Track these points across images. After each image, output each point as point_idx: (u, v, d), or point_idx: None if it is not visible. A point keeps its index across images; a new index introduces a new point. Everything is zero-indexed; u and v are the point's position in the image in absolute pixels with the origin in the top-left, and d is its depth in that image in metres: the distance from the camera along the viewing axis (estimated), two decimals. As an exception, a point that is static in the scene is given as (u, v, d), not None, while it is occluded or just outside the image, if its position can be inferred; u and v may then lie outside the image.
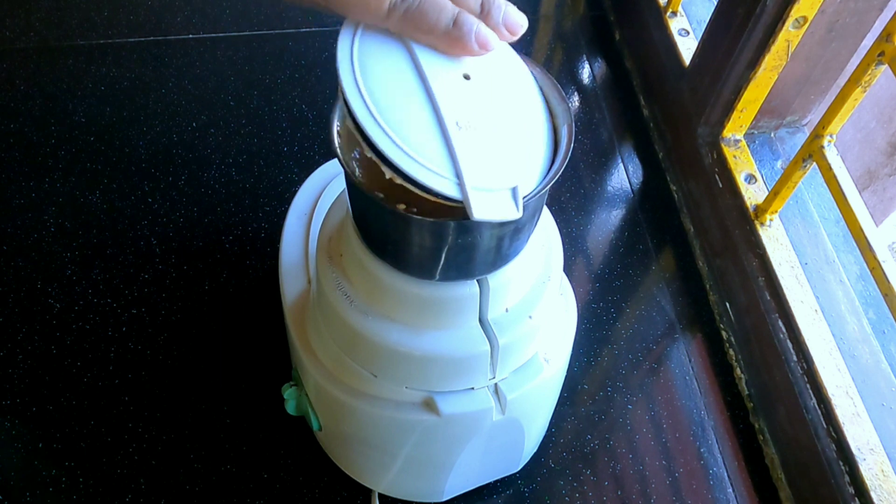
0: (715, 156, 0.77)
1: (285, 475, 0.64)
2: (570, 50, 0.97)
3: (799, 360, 0.65)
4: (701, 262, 0.79)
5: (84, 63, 0.90)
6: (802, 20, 0.65)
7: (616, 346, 0.73)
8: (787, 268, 0.68)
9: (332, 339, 0.51)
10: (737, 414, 0.70)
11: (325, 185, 0.64)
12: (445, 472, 0.57)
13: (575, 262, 0.79)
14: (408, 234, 0.42)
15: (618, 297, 0.76)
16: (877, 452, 0.60)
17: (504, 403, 0.51)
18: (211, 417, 0.66)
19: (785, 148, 0.78)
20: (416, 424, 0.51)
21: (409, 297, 0.46)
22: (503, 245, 0.43)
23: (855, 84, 0.58)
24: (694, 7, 0.88)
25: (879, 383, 0.63)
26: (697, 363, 0.73)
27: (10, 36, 0.91)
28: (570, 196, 0.84)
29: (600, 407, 0.70)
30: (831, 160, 0.62)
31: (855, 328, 0.66)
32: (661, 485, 0.66)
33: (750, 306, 0.71)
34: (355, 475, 0.62)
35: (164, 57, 0.91)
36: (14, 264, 0.74)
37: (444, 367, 0.48)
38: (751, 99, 0.73)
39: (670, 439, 0.68)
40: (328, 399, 0.53)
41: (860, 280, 0.69)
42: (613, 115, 0.91)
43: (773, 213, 0.70)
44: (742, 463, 0.68)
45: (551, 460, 0.66)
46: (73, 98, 0.87)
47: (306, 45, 0.93)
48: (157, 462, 0.64)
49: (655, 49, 0.88)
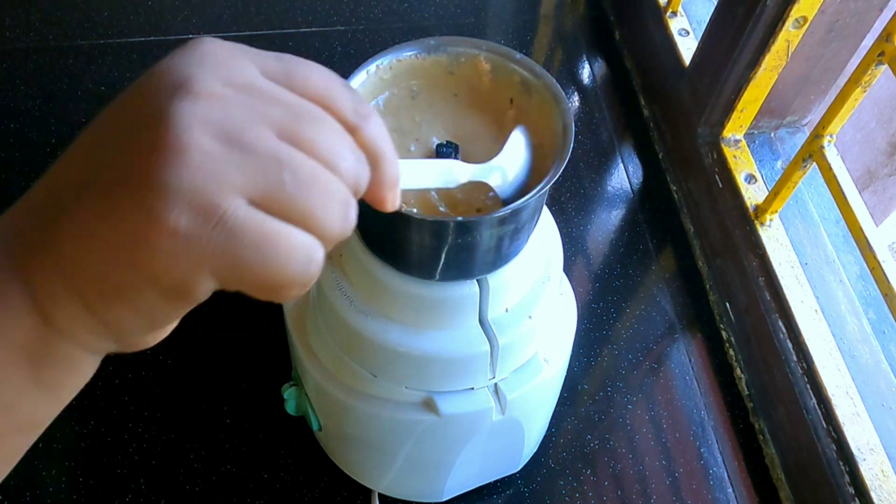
0: (715, 156, 0.77)
1: (285, 475, 0.64)
2: (570, 50, 0.97)
3: (799, 360, 0.65)
4: (701, 262, 0.79)
5: (84, 63, 0.90)
6: (802, 20, 0.65)
7: (616, 346, 0.73)
8: (787, 268, 0.68)
9: (332, 339, 0.51)
10: (737, 414, 0.70)
11: (325, 185, 0.64)
12: (445, 472, 0.57)
13: (575, 262, 0.79)
14: (407, 234, 0.42)
15: (618, 297, 0.76)
16: (877, 452, 0.60)
17: (504, 403, 0.51)
18: (211, 417, 0.66)
19: (785, 148, 0.78)
20: (415, 424, 0.51)
21: (408, 297, 0.46)
22: (503, 245, 0.43)
23: (855, 84, 0.58)
24: (694, 7, 0.88)
25: (879, 383, 0.63)
26: (697, 363, 0.73)
27: (10, 36, 0.91)
28: (570, 196, 0.84)
29: (600, 407, 0.70)
30: (831, 160, 0.62)
31: (855, 328, 0.66)
32: (661, 485, 0.66)
33: (750, 306, 0.71)
34: (355, 475, 0.62)
35: (164, 57, 0.91)
36: (14, 264, 0.74)
37: (444, 367, 0.48)
38: (751, 99, 0.73)
39: (670, 439, 0.68)
40: (328, 399, 0.53)
41: (860, 280, 0.69)
42: (613, 115, 0.91)
43: (773, 213, 0.70)
44: (742, 463, 0.68)
45: (551, 460, 0.66)
46: (73, 98, 0.87)
47: (306, 46, 0.93)
48: (157, 462, 0.64)
49: (655, 49, 0.88)
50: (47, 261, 0.23)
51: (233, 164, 0.22)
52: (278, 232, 0.23)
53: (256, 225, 0.22)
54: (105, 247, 0.22)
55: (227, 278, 0.23)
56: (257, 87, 0.24)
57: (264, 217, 0.23)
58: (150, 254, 0.22)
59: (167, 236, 0.21)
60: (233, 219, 0.22)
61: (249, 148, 0.22)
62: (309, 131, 0.24)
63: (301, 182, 0.23)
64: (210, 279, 0.23)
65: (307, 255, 0.24)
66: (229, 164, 0.22)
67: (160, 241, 0.22)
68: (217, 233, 0.22)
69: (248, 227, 0.22)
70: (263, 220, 0.23)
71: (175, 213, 0.21)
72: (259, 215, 0.22)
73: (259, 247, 0.22)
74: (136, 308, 0.24)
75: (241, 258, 0.22)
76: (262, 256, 0.23)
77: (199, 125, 0.22)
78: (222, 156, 0.22)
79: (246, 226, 0.22)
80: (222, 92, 0.23)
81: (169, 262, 0.22)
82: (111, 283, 0.23)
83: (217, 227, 0.22)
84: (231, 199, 0.22)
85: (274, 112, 0.23)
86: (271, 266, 0.23)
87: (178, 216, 0.21)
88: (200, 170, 0.22)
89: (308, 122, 0.24)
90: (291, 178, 0.23)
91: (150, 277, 0.22)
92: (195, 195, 0.21)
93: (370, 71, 0.43)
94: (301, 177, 0.23)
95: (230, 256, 0.22)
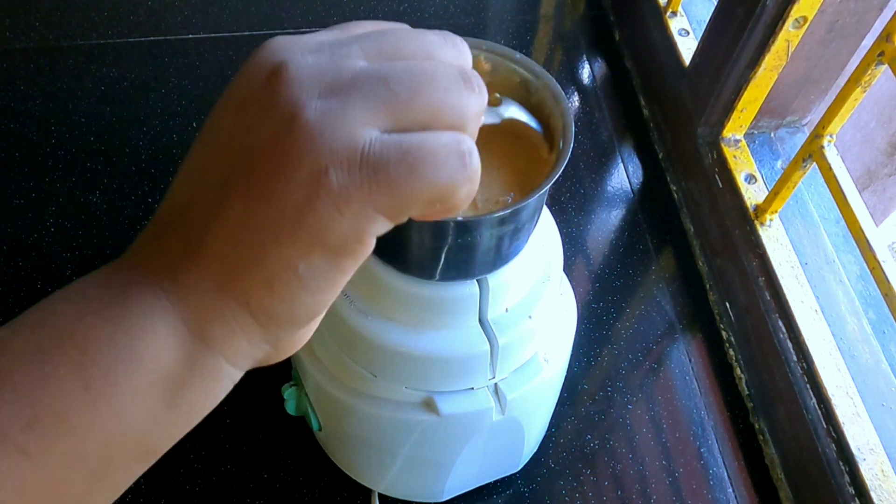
0: (715, 156, 0.77)
1: (285, 475, 0.64)
2: (570, 50, 0.97)
3: (799, 360, 0.65)
4: (701, 262, 0.79)
5: (84, 63, 0.90)
6: (802, 20, 0.65)
7: (616, 346, 0.73)
8: (787, 268, 0.68)
9: (332, 339, 0.51)
10: (737, 414, 0.70)
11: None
12: (445, 472, 0.57)
13: (575, 262, 0.79)
14: (408, 234, 0.42)
15: (618, 297, 0.76)
16: (877, 452, 0.60)
17: (504, 403, 0.51)
18: (211, 417, 0.66)
19: (785, 148, 0.78)
20: (415, 424, 0.51)
21: (408, 297, 0.46)
22: (503, 245, 0.43)
23: (855, 84, 0.58)
24: (694, 7, 0.88)
25: (879, 383, 0.63)
26: (697, 363, 0.73)
27: (10, 36, 0.91)
28: (570, 196, 0.84)
29: (600, 407, 0.70)
30: (831, 160, 0.62)
31: (855, 328, 0.66)
32: (661, 485, 0.66)
33: (750, 306, 0.71)
34: (355, 475, 0.62)
35: (164, 57, 0.91)
36: (14, 264, 0.74)
37: (444, 367, 0.48)
38: (751, 99, 0.73)
39: (670, 439, 0.68)
40: (328, 399, 0.53)
41: (860, 280, 0.69)
42: (613, 115, 0.91)
43: (773, 213, 0.70)
44: (742, 463, 0.68)
45: (551, 460, 0.66)
46: (73, 98, 0.87)
47: (306, 45, 0.93)
48: (157, 462, 0.64)
49: (655, 49, 0.88)
50: (202, 272, 0.24)
51: (348, 104, 0.23)
52: (419, 142, 0.23)
53: (396, 147, 0.23)
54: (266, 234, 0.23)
55: (396, 209, 0.24)
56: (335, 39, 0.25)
57: (400, 136, 0.23)
58: (316, 219, 0.23)
59: (326, 195, 0.22)
60: (373, 152, 0.23)
61: (351, 85, 0.23)
62: (393, 39, 0.25)
63: (409, 86, 0.24)
64: (379, 219, 0.24)
65: (457, 151, 0.24)
66: (345, 106, 0.23)
67: (323, 202, 0.23)
68: (367, 172, 0.23)
69: (391, 153, 0.23)
70: (400, 139, 0.23)
71: (325, 175, 0.22)
72: (395, 137, 0.23)
73: (409, 165, 0.23)
74: (303, 284, 0.24)
75: (397, 184, 0.23)
76: (417, 173, 0.23)
77: (306, 94, 0.23)
78: (335, 103, 0.23)
79: (388, 152, 0.23)
80: (309, 58, 0.24)
81: (336, 218, 0.23)
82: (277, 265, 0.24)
83: (363, 167, 0.23)
84: (363, 136, 0.23)
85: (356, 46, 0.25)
86: (429, 177, 0.23)
87: (328, 176, 0.22)
88: (325, 129, 0.23)
89: (391, 35, 0.25)
90: (399, 86, 0.24)
91: (320, 241, 0.23)
92: (332, 148, 0.22)
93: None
94: (406, 81, 0.24)
95: (387, 187, 0.23)
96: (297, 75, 0.23)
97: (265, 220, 0.23)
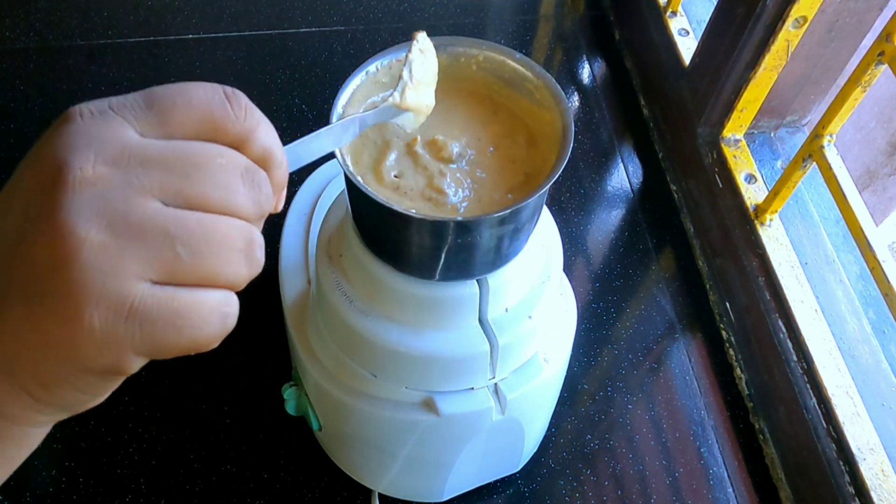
0: (715, 156, 0.77)
1: (285, 475, 0.64)
2: (570, 50, 0.97)
3: (799, 360, 0.65)
4: (701, 262, 0.79)
5: (84, 63, 0.90)
6: (802, 20, 0.65)
7: (616, 346, 0.73)
8: (787, 268, 0.68)
9: (332, 339, 0.51)
10: (737, 414, 0.70)
11: (325, 185, 0.64)
12: (445, 472, 0.57)
13: (575, 262, 0.79)
14: (407, 234, 0.42)
15: (618, 297, 0.76)
16: (877, 452, 0.60)
17: (504, 403, 0.51)
18: (211, 417, 0.66)
19: (785, 148, 0.78)
20: (415, 424, 0.51)
21: (408, 297, 0.46)
22: (503, 245, 0.43)
23: (855, 84, 0.58)
24: (694, 7, 0.88)
25: (879, 383, 0.63)
26: (697, 363, 0.73)
27: (10, 36, 0.91)
28: (570, 196, 0.84)
29: (600, 407, 0.70)
30: (831, 160, 0.62)
31: (855, 328, 0.66)
32: (661, 485, 0.66)
33: (750, 306, 0.71)
34: (355, 475, 0.62)
35: (164, 57, 0.91)
36: (14, 264, 0.74)
37: (444, 367, 0.48)
38: (751, 99, 0.73)
39: (670, 439, 0.68)
40: (328, 399, 0.53)
41: (860, 280, 0.69)
42: (613, 115, 0.91)
43: (773, 212, 0.70)
44: (742, 463, 0.68)
45: (551, 460, 0.66)
46: (73, 98, 0.86)
47: (306, 45, 0.93)
48: (157, 462, 0.64)
49: (655, 49, 0.88)
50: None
51: (127, 253, 0.22)
52: (189, 302, 0.24)
53: (166, 303, 0.23)
54: (35, 346, 0.23)
55: (153, 353, 0.24)
56: (133, 153, 0.23)
57: (173, 292, 0.23)
58: (75, 351, 0.23)
59: (86, 335, 0.22)
60: (142, 306, 0.23)
61: (137, 230, 0.23)
62: (193, 185, 0.24)
63: (195, 249, 0.23)
64: (138, 358, 0.24)
65: (221, 313, 0.25)
66: (123, 254, 0.22)
67: (81, 340, 0.23)
68: (131, 323, 0.23)
69: (159, 309, 0.23)
70: (172, 296, 0.23)
71: (87, 316, 0.22)
72: (167, 293, 0.23)
73: (174, 322, 0.23)
74: (77, 389, 0.25)
75: (159, 337, 0.23)
76: (179, 329, 0.24)
77: (84, 222, 0.22)
78: (114, 247, 0.22)
79: (156, 308, 0.23)
80: (98, 173, 0.23)
81: (94, 354, 0.23)
82: (48, 375, 0.24)
83: (129, 318, 0.23)
84: (135, 288, 0.23)
85: (153, 178, 0.23)
86: (190, 334, 0.24)
87: (90, 317, 0.22)
88: (97, 268, 0.22)
89: (190, 174, 0.24)
90: (184, 248, 0.23)
91: (82, 368, 0.24)
92: (101, 294, 0.22)
93: (370, 71, 0.43)
94: (194, 244, 0.23)
95: (149, 338, 0.23)
96: (79, 198, 0.22)
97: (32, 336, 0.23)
